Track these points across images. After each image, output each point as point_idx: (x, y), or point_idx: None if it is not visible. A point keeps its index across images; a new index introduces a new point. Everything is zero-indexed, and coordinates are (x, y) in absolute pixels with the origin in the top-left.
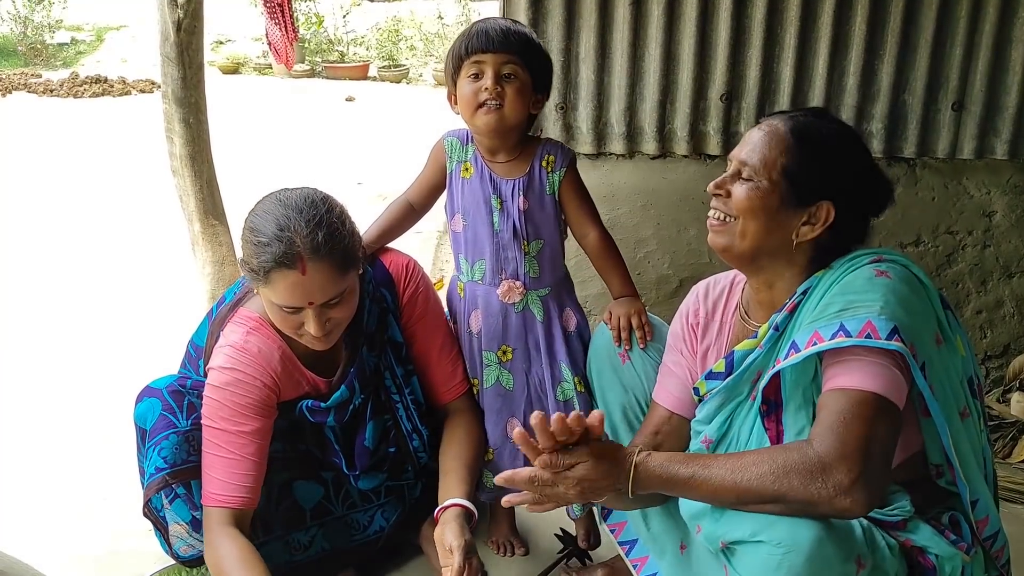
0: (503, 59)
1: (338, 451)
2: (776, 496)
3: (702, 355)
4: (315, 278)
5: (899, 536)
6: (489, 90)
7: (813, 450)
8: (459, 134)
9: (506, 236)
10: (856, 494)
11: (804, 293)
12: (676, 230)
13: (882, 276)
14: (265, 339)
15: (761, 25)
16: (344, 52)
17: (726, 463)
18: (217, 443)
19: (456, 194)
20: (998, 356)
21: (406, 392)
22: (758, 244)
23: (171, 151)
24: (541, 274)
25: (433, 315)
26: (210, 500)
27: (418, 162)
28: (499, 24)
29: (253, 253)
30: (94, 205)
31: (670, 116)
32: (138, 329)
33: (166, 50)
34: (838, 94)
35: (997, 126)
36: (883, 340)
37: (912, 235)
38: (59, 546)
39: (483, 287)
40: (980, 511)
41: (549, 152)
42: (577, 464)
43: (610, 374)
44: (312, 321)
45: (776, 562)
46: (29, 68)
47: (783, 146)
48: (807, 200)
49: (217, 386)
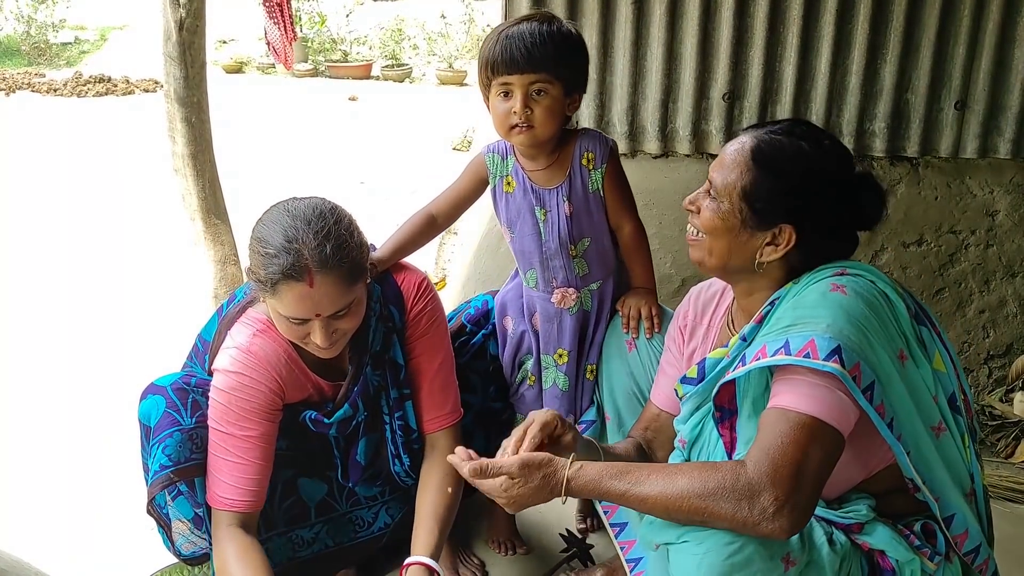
0: (530, 79)
1: (337, 457)
2: (704, 517)
3: (688, 357)
4: (322, 290)
5: (856, 538)
6: (518, 113)
7: (746, 474)
8: (498, 148)
9: (552, 246)
10: (780, 520)
11: (772, 303)
12: (678, 229)
13: (836, 291)
14: (272, 342)
15: (763, 24)
16: (347, 51)
17: (659, 481)
18: (224, 446)
19: (501, 208)
20: (1001, 356)
21: (396, 415)
22: (724, 262)
23: (173, 150)
24: (590, 270)
25: (436, 338)
26: (217, 503)
27: (420, 162)
28: (525, 39)
29: (260, 264)
30: (97, 204)
31: (672, 115)
32: (141, 327)
33: (168, 50)
34: (840, 93)
35: (1000, 125)
36: (820, 360)
37: (915, 235)
38: (62, 545)
39: (538, 294)
40: (957, 526)
41: (588, 148)
42: (502, 476)
43: (618, 361)
44: (319, 332)
45: (696, 562)
46: (33, 67)
47: (742, 168)
48: (768, 222)
49: (222, 390)
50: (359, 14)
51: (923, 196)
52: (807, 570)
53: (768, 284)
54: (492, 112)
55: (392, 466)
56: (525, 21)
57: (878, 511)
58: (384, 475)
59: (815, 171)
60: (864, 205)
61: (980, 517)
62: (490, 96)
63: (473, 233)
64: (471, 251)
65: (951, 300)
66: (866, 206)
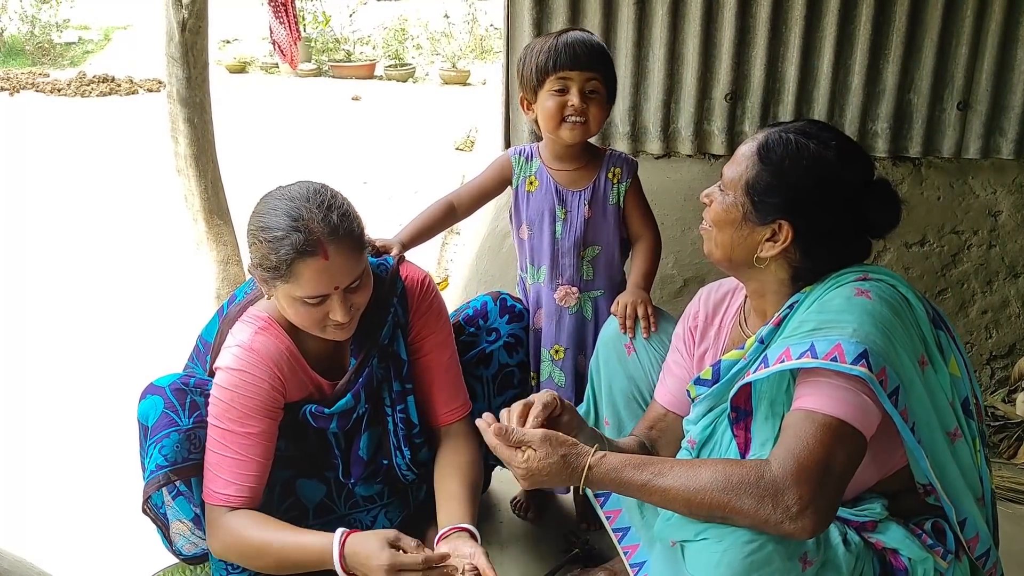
0: (588, 76)
1: (338, 455)
2: (726, 513)
3: (699, 358)
4: (337, 261)
5: (870, 536)
6: (575, 107)
7: (770, 471)
8: (523, 151)
9: (566, 244)
10: (803, 521)
11: (791, 307)
12: (680, 230)
13: (862, 296)
14: (273, 339)
15: (766, 24)
16: (350, 51)
17: (681, 473)
18: (223, 443)
19: (522, 206)
20: (1003, 356)
21: (398, 409)
22: (728, 255)
23: (176, 151)
24: (595, 277)
25: (441, 333)
26: (214, 499)
27: (424, 162)
28: (583, 40)
29: (270, 250)
30: (100, 204)
31: (674, 115)
32: (142, 327)
33: (171, 50)
34: (843, 93)
35: (1003, 126)
36: (848, 364)
37: (918, 235)
38: (64, 545)
39: (545, 288)
40: (969, 531)
41: (615, 164)
42: (527, 449)
43: (616, 364)
44: (338, 307)
45: (716, 559)
46: (37, 67)
47: (749, 163)
48: (767, 216)
49: (224, 387)
50: (362, 14)
51: (925, 196)
52: (823, 570)
53: (777, 286)
54: (541, 109)
55: (394, 458)
56: (569, 32)
57: (889, 511)
58: (384, 473)
59: (815, 170)
60: (869, 211)
61: (988, 521)
62: (540, 95)
63: (476, 234)
64: (473, 252)
65: (953, 301)
66: (871, 213)
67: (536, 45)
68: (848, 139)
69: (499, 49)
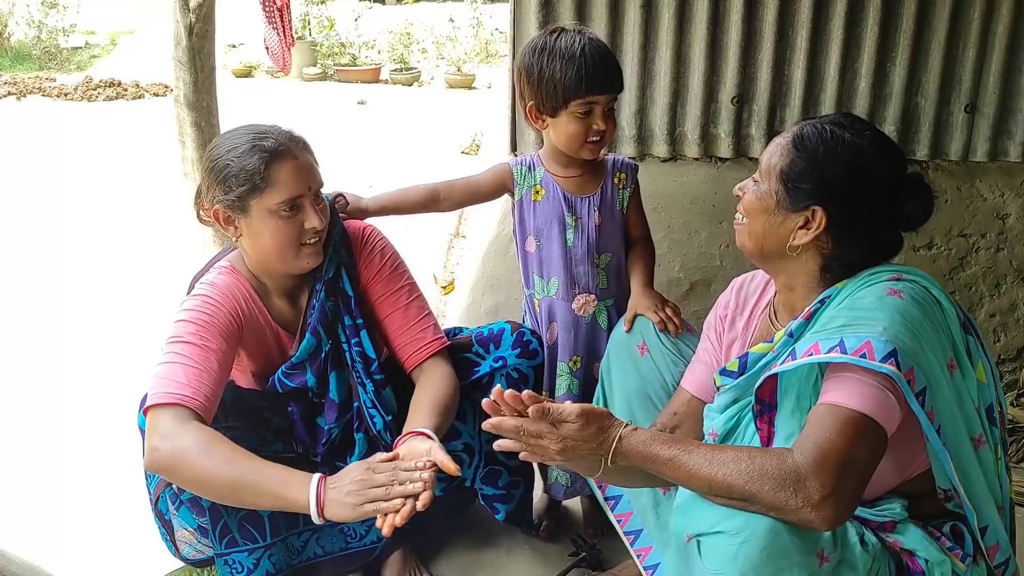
0: (611, 97)
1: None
2: (746, 496)
3: (727, 347)
4: (303, 163)
5: (887, 537)
6: (605, 129)
7: (793, 459)
8: (525, 161)
9: (579, 252)
10: (824, 510)
11: (823, 302)
12: (687, 233)
13: (894, 295)
14: (235, 280)
15: (772, 27)
16: (356, 55)
17: (707, 453)
18: (180, 353)
19: (528, 217)
20: (1012, 360)
21: (353, 343)
22: (760, 245)
23: (182, 155)
24: (609, 285)
25: (396, 274)
26: (167, 399)
27: (429, 166)
28: (608, 59)
29: (239, 167)
30: (107, 208)
31: (681, 119)
32: (147, 330)
33: (178, 54)
34: (850, 96)
35: (1010, 128)
36: (876, 362)
37: (925, 238)
38: (71, 548)
39: (559, 301)
40: (990, 538)
41: (620, 170)
42: (567, 422)
43: (629, 365)
44: (312, 213)
45: (733, 552)
46: (43, 72)
47: (783, 151)
48: (801, 203)
49: (186, 309)
50: (368, 18)
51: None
52: (839, 568)
53: (807, 279)
54: (563, 129)
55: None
56: (576, 34)
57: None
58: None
59: (849, 157)
60: (902, 204)
61: (1006, 530)
62: (562, 115)
63: (482, 237)
64: (480, 255)
65: (961, 304)
66: (905, 205)
67: (549, 52)
68: (882, 132)
69: (504, 53)
